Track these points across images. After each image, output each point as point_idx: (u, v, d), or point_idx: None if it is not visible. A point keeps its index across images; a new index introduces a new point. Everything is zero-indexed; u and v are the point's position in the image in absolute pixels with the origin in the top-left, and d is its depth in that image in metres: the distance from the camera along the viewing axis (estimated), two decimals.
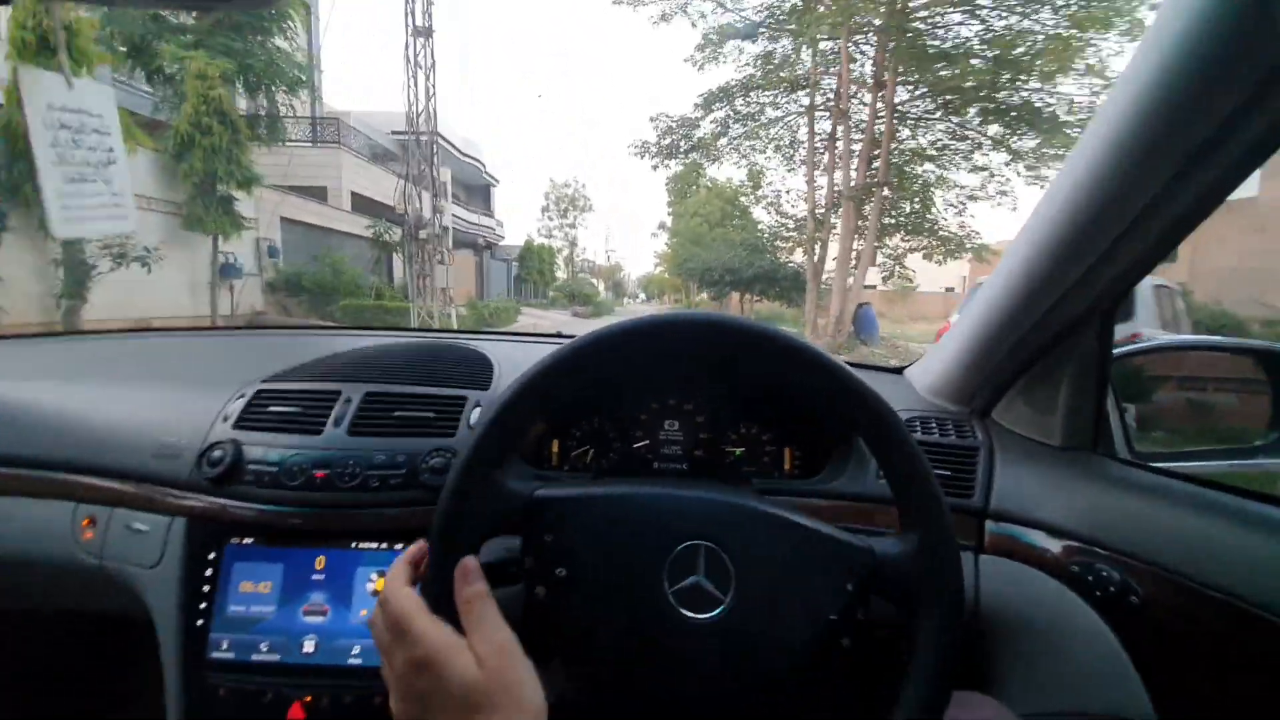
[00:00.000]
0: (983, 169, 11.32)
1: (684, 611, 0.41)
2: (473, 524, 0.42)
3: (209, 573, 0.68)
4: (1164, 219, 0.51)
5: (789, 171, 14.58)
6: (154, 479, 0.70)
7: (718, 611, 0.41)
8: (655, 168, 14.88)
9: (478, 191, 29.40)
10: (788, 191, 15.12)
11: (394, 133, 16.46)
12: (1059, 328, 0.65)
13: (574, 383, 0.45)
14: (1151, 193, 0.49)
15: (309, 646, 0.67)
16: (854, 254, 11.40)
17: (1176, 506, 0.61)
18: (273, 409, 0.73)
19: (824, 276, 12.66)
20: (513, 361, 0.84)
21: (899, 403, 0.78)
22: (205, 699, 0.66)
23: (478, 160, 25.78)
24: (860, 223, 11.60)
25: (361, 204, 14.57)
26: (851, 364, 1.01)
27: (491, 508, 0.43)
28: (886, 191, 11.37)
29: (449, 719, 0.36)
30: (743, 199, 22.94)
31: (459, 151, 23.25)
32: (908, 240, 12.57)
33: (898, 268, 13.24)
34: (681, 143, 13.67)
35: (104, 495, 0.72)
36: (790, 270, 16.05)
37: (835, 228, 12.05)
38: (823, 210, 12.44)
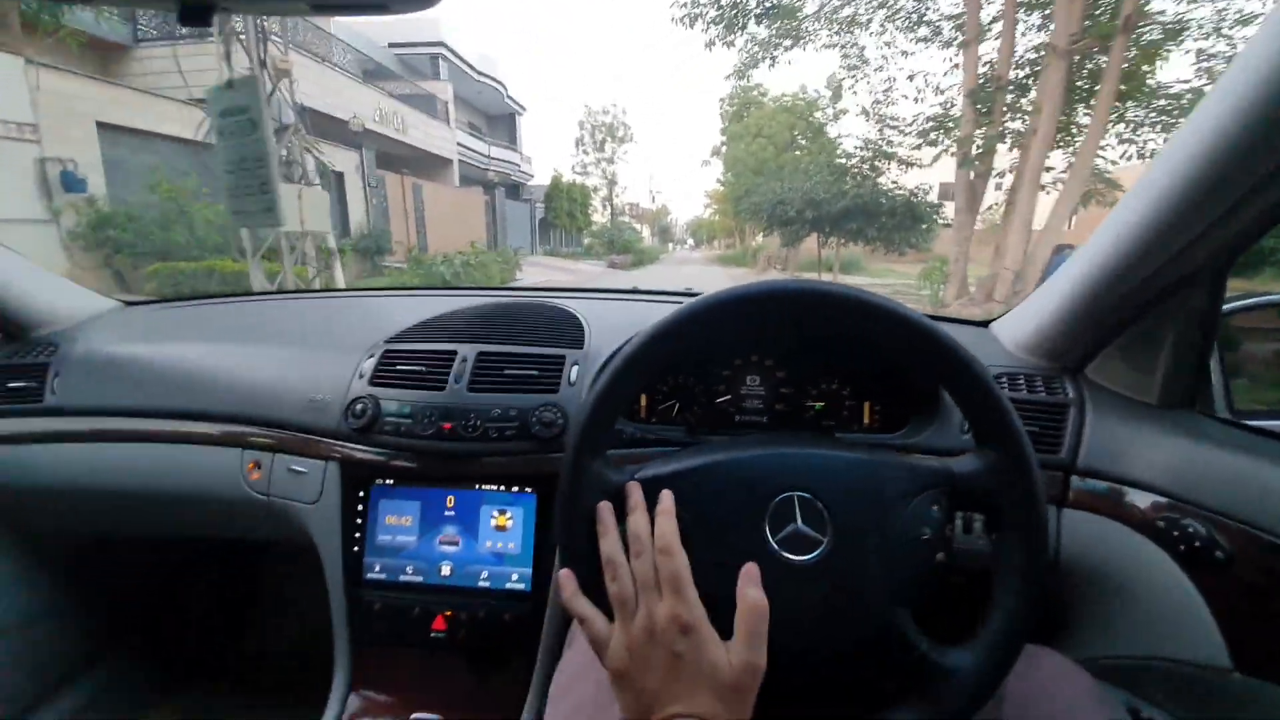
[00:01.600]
0: None
1: (788, 555, 0.45)
2: (585, 509, 0.46)
3: (360, 508, 0.80)
4: None
5: (915, 44, 9.38)
6: (308, 429, 0.81)
7: (819, 552, 0.45)
8: (710, 46, 10.17)
9: (501, 122, 25.08)
10: (910, 79, 10.81)
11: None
12: (1171, 283, 0.63)
13: (667, 355, 0.48)
14: None
15: (446, 570, 0.78)
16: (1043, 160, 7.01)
17: (1272, 465, 0.61)
18: (400, 367, 0.82)
19: (984, 205, 8.52)
20: (601, 321, 0.89)
21: (984, 358, 0.77)
22: (364, 611, 0.79)
23: (496, 82, 21.47)
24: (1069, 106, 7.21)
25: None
26: (939, 317, 1.00)
27: (599, 494, 0.47)
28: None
29: (686, 687, 0.39)
30: (818, 115, 18.06)
31: (471, 69, 19.49)
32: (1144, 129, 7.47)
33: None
34: (752, 3, 9.72)
35: (266, 442, 0.84)
36: (901, 200, 11.31)
37: (1009, 117, 7.83)
38: (996, 85, 7.68)
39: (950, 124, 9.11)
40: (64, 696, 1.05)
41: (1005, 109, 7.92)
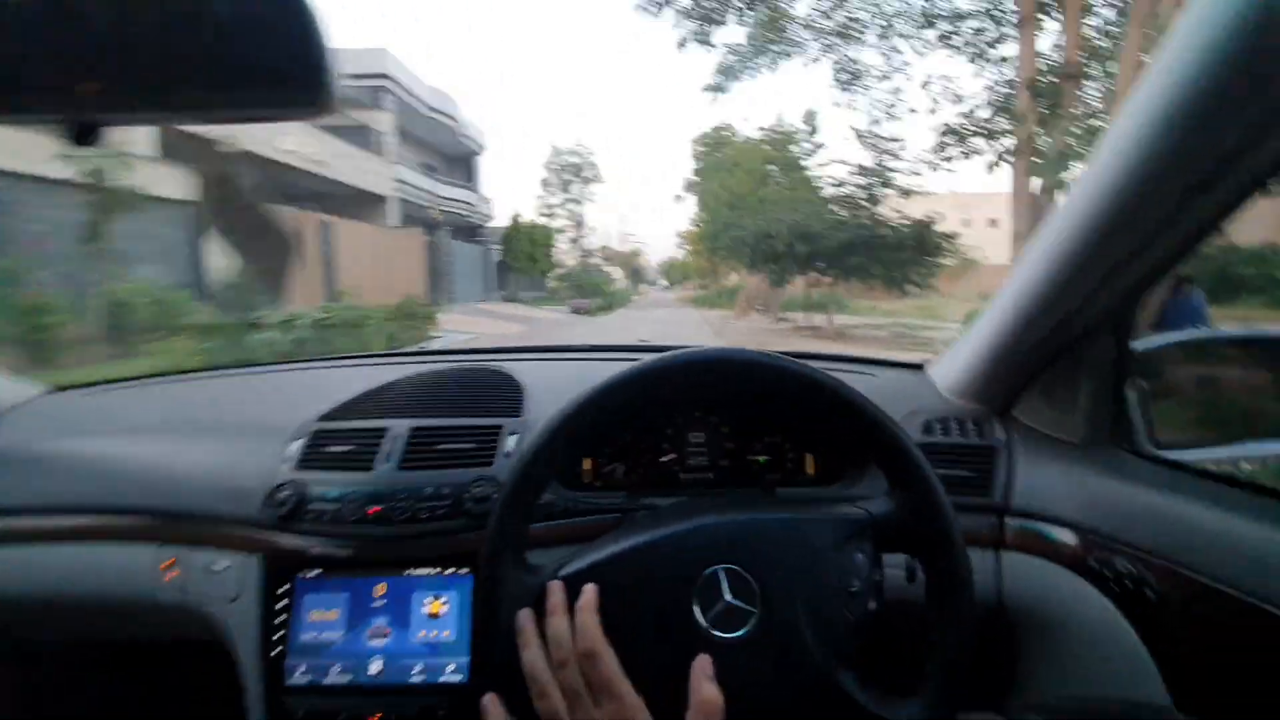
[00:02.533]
0: None
1: (719, 634, 0.44)
2: (508, 622, 0.45)
3: (283, 603, 0.75)
4: (1188, 222, 0.51)
5: (926, 46, 8.24)
6: (228, 519, 0.77)
7: (750, 625, 0.44)
8: (683, 44, 8.80)
9: (458, 163, 24.68)
10: (924, 85, 8.78)
11: None
12: (1081, 326, 0.65)
13: (603, 424, 0.49)
14: (1176, 197, 0.49)
15: (375, 668, 0.72)
16: None
17: (1194, 502, 0.62)
18: (328, 449, 0.79)
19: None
20: (542, 384, 0.87)
21: (917, 402, 0.81)
22: None
23: (450, 118, 20.33)
24: None
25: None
26: (872, 360, 1.02)
27: (522, 594, 0.46)
28: None
29: None
30: (793, 148, 17.04)
31: (422, 103, 18.37)
32: None
33: None
34: None
35: (184, 536, 0.79)
36: (909, 231, 9.90)
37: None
38: (1065, 71, 6.23)
39: (977, 130, 7.73)
40: None
41: (1074, 102, 6.23)
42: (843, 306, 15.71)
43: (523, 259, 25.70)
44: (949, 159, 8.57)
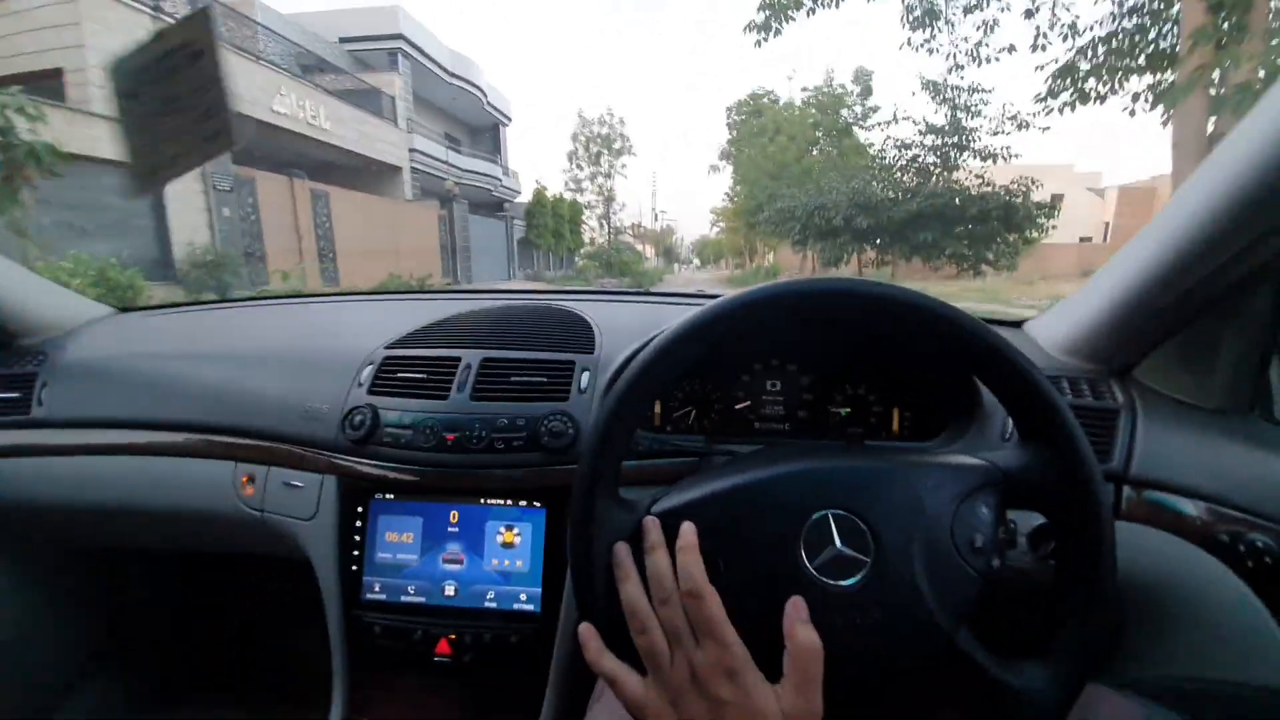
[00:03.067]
0: None
1: (829, 582, 0.41)
2: (601, 556, 0.43)
3: (359, 524, 0.75)
4: None
5: None
6: (304, 441, 0.77)
7: (862, 574, 0.41)
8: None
9: (483, 134, 22.44)
10: (1029, 13, 6.28)
11: None
12: (1234, 280, 0.59)
13: (689, 361, 0.45)
14: None
15: (449, 590, 0.73)
16: None
17: None
18: (401, 375, 0.78)
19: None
20: (612, 324, 0.85)
21: None
22: (364, 635, 0.74)
23: (474, 86, 18.39)
24: None
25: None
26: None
27: (614, 537, 0.44)
28: None
29: None
30: (845, 112, 14.51)
31: (443, 70, 16.55)
32: None
33: None
34: None
35: (261, 455, 0.80)
36: (995, 201, 7.90)
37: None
38: None
39: (1115, 62, 5.63)
40: (60, 710, 1.01)
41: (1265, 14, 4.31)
42: None
43: (547, 235, 22.74)
44: (1050, 111, 6.27)
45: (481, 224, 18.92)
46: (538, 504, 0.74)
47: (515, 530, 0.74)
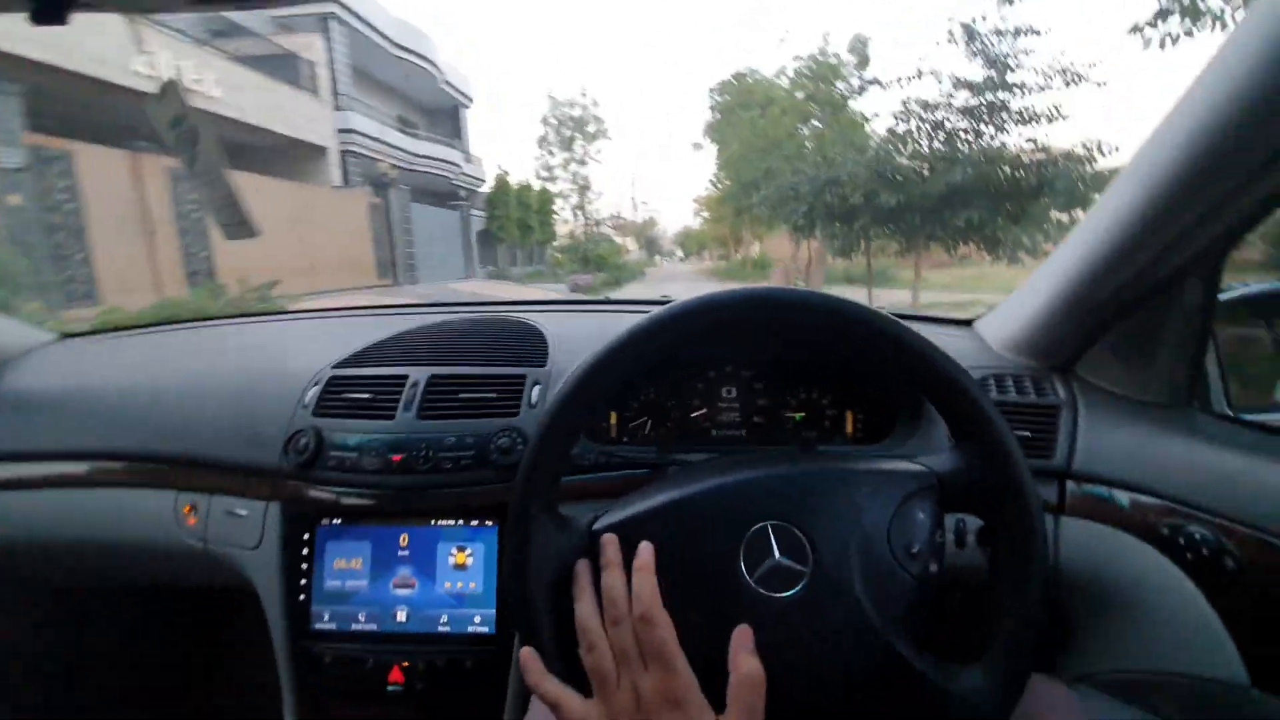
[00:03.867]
0: None
1: (769, 594, 0.41)
2: (539, 574, 0.43)
3: (305, 551, 0.73)
4: None
5: None
6: (246, 468, 0.75)
7: (801, 585, 0.41)
8: None
9: (441, 116, 20.13)
10: None
11: None
12: (1165, 275, 0.60)
13: (628, 372, 0.45)
14: None
15: (401, 616, 0.72)
16: None
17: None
18: (347, 395, 0.76)
19: None
20: (565, 335, 0.84)
21: (969, 358, 0.76)
22: (313, 665, 0.72)
23: (424, 60, 16.09)
24: None
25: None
26: (917, 316, 0.98)
27: (553, 553, 0.43)
28: None
29: None
30: (840, 84, 12.37)
31: (386, 39, 14.40)
32: None
33: None
34: None
35: (202, 483, 0.77)
36: (1058, 172, 6.22)
37: None
38: None
39: None
40: None
41: None
42: (888, 279, 11.69)
43: (511, 227, 20.23)
44: (1149, 44, 4.70)
45: (432, 215, 15.97)
46: (490, 522, 0.73)
47: (467, 551, 0.72)
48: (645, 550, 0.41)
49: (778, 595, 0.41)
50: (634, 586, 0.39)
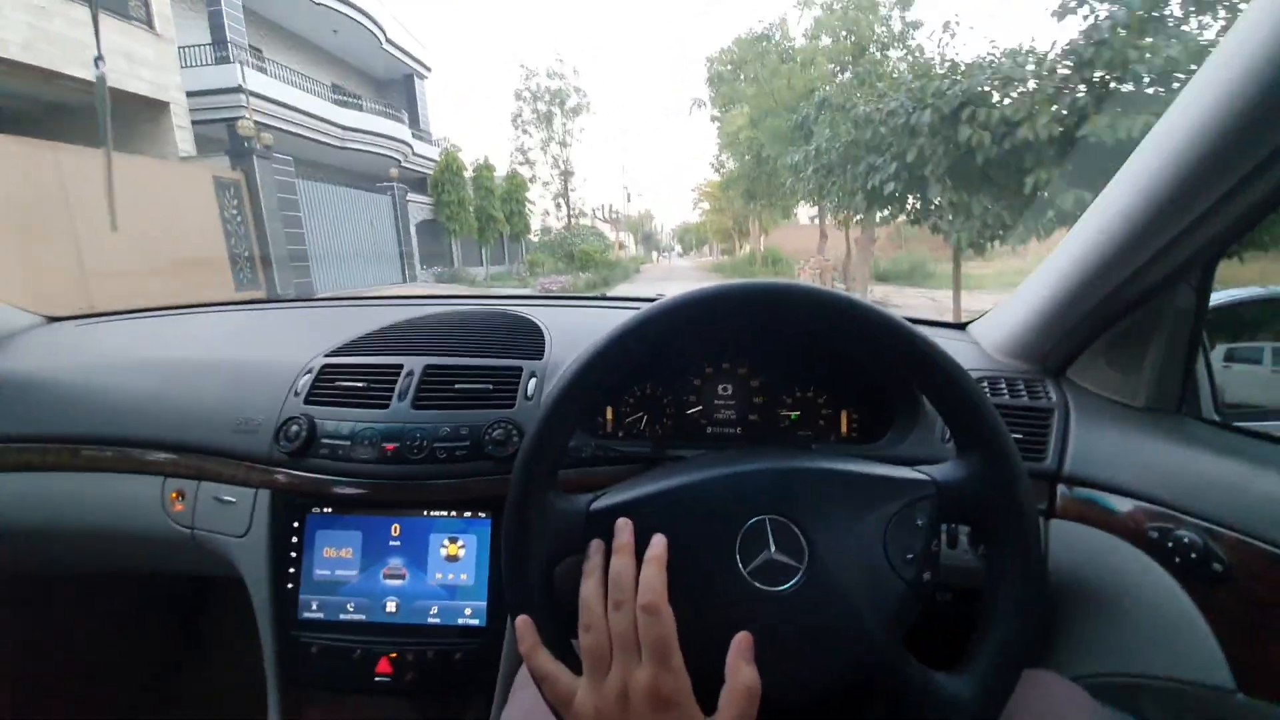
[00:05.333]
0: None
1: (761, 586, 0.42)
2: (537, 549, 0.43)
3: (294, 540, 0.73)
4: None
5: None
6: (236, 454, 0.74)
7: (795, 580, 0.41)
8: None
9: (391, 89, 16.76)
10: None
11: None
12: (1155, 281, 0.60)
13: (628, 363, 0.45)
14: (1276, 142, 0.45)
15: (391, 606, 0.71)
16: None
17: (1267, 470, 0.58)
18: (340, 383, 0.76)
19: None
20: (564, 329, 0.84)
21: (965, 361, 0.75)
22: (299, 655, 0.72)
23: (359, 13, 13.18)
24: None
25: None
26: (909, 320, 0.98)
27: (551, 530, 0.44)
28: None
29: None
30: (881, 28, 10.43)
31: None
32: None
33: None
34: None
35: (190, 470, 0.77)
36: None
37: None
38: None
39: None
40: None
41: None
42: (926, 275, 10.25)
43: (464, 215, 15.23)
44: None
45: (345, 199, 11.55)
46: (483, 514, 0.73)
47: (460, 542, 0.72)
48: (659, 542, 0.40)
49: (770, 589, 0.41)
50: (643, 576, 0.39)
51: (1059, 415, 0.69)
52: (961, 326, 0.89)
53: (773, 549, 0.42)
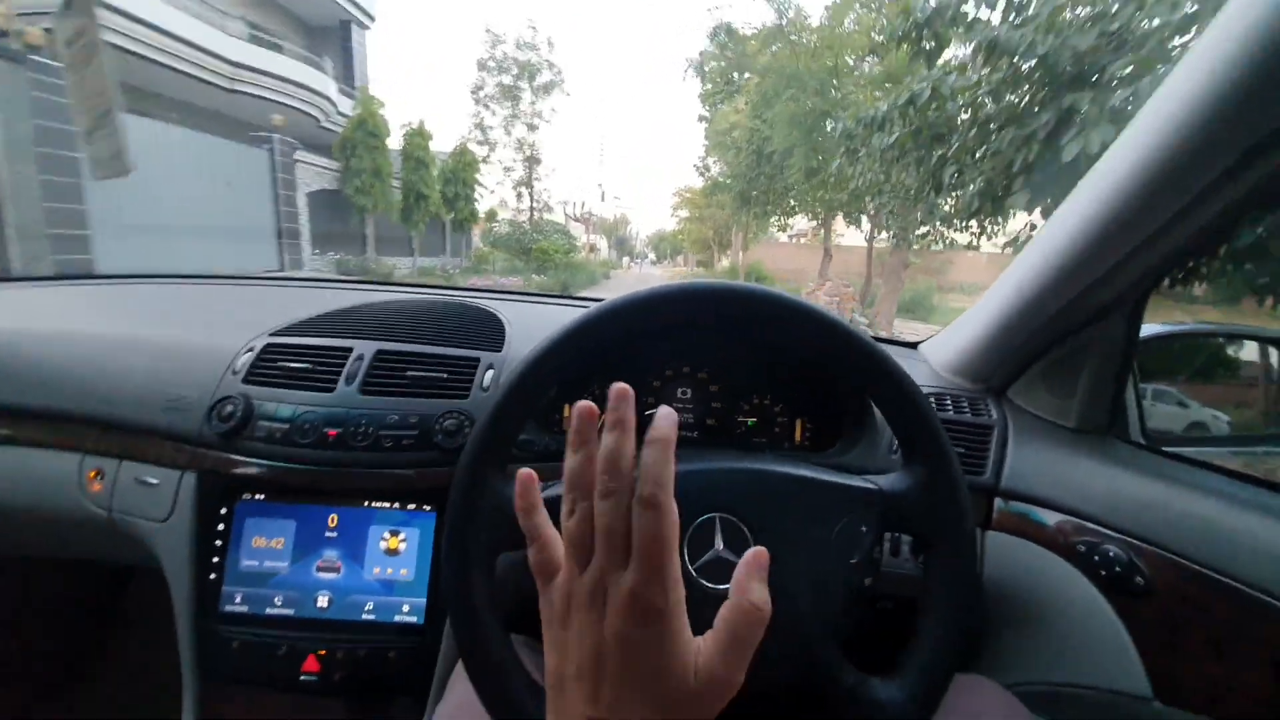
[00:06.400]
0: None
1: (709, 584, 0.42)
2: (481, 538, 0.42)
3: (220, 527, 0.69)
4: (1212, 209, 0.50)
5: None
6: (163, 432, 0.70)
7: None
8: None
9: (325, 36, 13.92)
10: None
11: None
12: (1090, 311, 0.64)
13: (590, 354, 0.45)
14: (1206, 181, 0.47)
15: (323, 601, 0.68)
16: None
17: (1188, 491, 0.62)
18: (283, 364, 0.72)
19: None
20: (525, 322, 0.83)
21: (915, 379, 0.78)
22: (219, 650, 0.67)
23: None
24: None
25: None
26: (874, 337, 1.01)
27: (496, 516, 0.43)
28: None
29: (622, 690, 0.28)
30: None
31: None
32: None
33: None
34: None
35: (110, 447, 0.72)
36: None
37: None
38: None
39: None
40: None
41: None
42: (929, 309, 9.20)
43: (379, 189, 11.93)
44: None
45: (194, 146, 8.19)
46: (427, 507, 0.70)
47: (401, 535, 0.69)
48: (666, 420, 0.30)
49: (717, 587, 0.42)
50: (645, 459, 0.30)
51: (998, 432, 0.72)
52: (913, 345, 0.92)
53: (720, 546, 0.43)
